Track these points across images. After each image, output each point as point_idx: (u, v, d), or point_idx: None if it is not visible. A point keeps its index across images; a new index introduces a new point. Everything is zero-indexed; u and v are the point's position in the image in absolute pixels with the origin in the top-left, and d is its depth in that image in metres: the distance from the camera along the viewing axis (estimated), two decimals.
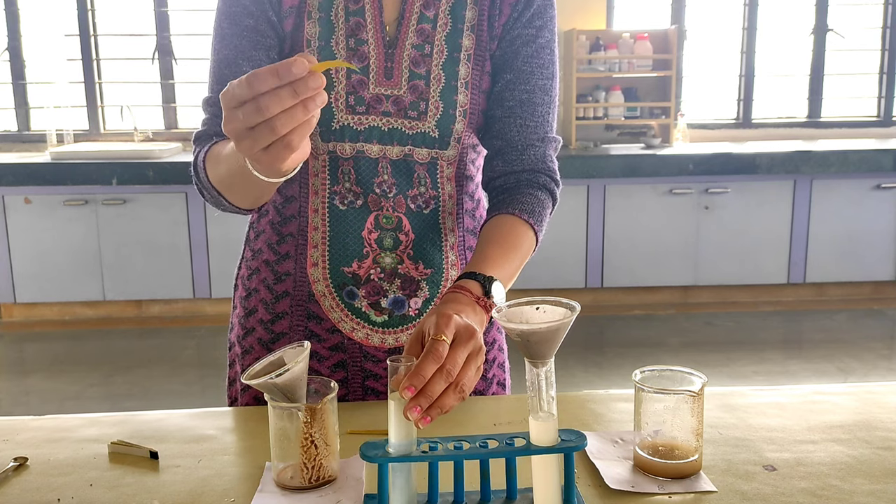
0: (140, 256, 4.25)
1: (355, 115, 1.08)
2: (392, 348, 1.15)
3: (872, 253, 4.50)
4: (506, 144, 1.13)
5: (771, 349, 3.96)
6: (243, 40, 1.07)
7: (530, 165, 1.14)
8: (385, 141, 1.09)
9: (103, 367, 3.79)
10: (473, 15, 1.11)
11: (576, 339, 4.03)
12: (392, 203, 1.11)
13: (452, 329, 0.83)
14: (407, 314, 1.14)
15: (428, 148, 1.10)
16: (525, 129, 1.12)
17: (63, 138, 4.66)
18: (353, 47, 1.08)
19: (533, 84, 1.12)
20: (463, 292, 0.95)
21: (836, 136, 4.94)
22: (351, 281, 1.12)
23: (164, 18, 4.69)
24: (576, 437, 0.81)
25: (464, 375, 0.82)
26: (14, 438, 1.04)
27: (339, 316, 1.13)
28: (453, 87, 1.09)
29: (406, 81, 1.09)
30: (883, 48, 4.95)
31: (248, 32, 1.07)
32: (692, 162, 4.26)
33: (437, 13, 1.10)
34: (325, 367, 1.16)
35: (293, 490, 0.89)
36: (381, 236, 1.11)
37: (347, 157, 1.09)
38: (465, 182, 1.16)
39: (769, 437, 1.01)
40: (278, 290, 1.16)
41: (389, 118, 1.08)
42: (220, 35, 1.08)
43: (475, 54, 1.11)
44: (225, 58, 1.08)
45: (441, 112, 1.09)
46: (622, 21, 4.86)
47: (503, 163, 1.14)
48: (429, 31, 1.10)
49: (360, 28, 1.08)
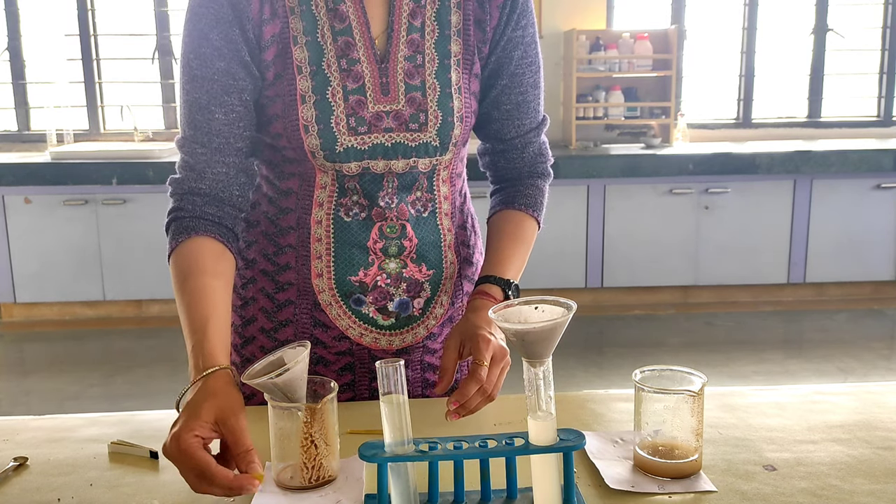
0: (140, 256, 4.25)
1: (358, 136, 1.07)
2: (399, 349, 1.15)
3: (872, 253, 4.50)
4: (506, 146, 1.21)
5: (771, 349, 3.96)
6: (215, 84, 1.04)
7: (531, 160, 1.23)
8: (389, 156, 1.08)
9: (103, 367, 3.79)
10: (458, 19, 1.11)
11: (576, 339, 4.03)
12: (395, 213, 1.11)
13: (491, 352, 1.00)
14: (412, 315, 1.15)
15: (430, 157, 1.10)
16: (522, 128, 1.20)
17: (63, 138, 4.66)
18: (346, 68, 1.06)
19: (525, 84, 1.17)
20: (488, 299, 1.08)
21: (836, 136, 4.94)
22: (358, 289, 1.12)
23: (164, 18, 4.69)
24: (574, 436, 0.81)
25: (496, 389, 1.01)
26: (14, 438, 1.04)
27: (346, 323, 1.13)
28: (448, 93, 1.10)
29: (403, 95, 1.08)
30: (883, 48, 4.95)
31: (220, 76, 1.04)
32: (692, 162, 4.26)
33: (424, 21, 1.09)
34: (331, 370, 1.16)
35: (293, 490, 0.89)
36: (386, 245, 1.12)
37: (353, 174, 1.09)
38: (456, 180, 1.18)
39: (769, 437, 1.01)
40: (280, 298, 1.16)
41: (392, 133, 1.08)
42: (191, 76, 1.05)
43: (463, 58, 1.11)
44: (196, 101, 1.05)
45: (440, 121, 1.09)
46: (622, 21, 4.86)
47: (505, 161, 1.23)
48: (418, 41, 1.09)
49: (350, 47, 1.07)
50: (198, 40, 1.04)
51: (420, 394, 1.20)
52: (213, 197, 1.08)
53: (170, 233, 1.09)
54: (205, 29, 1.03)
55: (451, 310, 1.20)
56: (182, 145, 1.08)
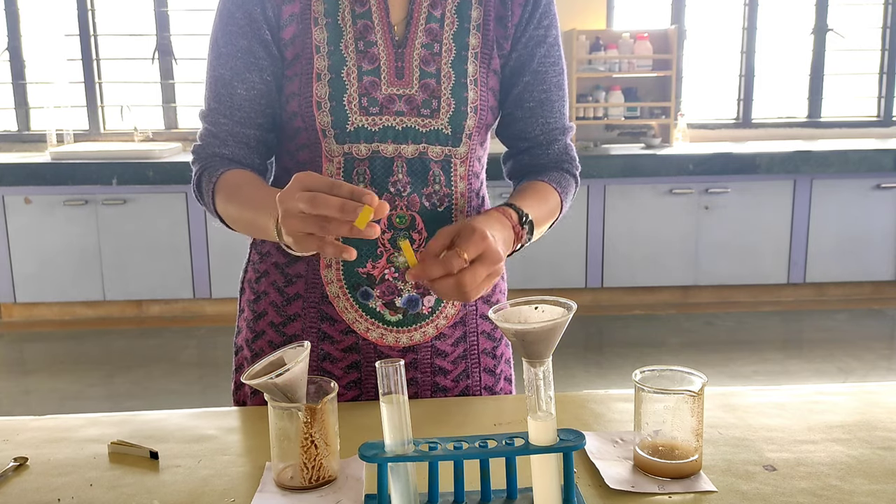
0: (140, 256, 4.25)
1: (369, 117, 1.09)
2: (406, 347, 1.15)
3: (872, 253, 4.50)
4: (532, 143, 1.21)
5: (771, 349, 3.96)
6: (238, 61, 1.10)
7: (556, 157, 1.22)
8: (399, 140, 1.10)
9: (103, 367, 3.79)
10: (479, 15, 1.13)
11: (576, 339, 4.03)
12: (406, 202, 1.11)
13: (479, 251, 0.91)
14: (421, 312, 1.14)
15: (441, 145, 1.11)
16: (547, 126, 1.20)
17: (63, 138, 4.66)
18: (363, 49, 1.09)
19: (548, 83, 1.18)
20: (500, 212, 1.03)
21: (836, 136, 4.94)
22: (365, 281, 1.12)
23: (164, 18, 4.69)
24: (574, 436, 0.81)
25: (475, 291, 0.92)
26: (14, 438, 1.04)
27: (353, 317, 1.13)
28: (463, 84, 1.11)
29: (417, 80, 1.10)
30: (883, 48, 4.95)
31: (243, 53, 1.10)
32: (692, 162, 4.26)
33: (444, 12, 1.11)
34: (338, 368, 1.15)
35: (293, 490, 0.89)
36: (395, 236, 1.11)
37: (363, 157, 1.10)
38: (473, 179, 1.18)
39: (769, 437, 1.01)
40: (289, 292, 1.16)
41: (403, 117, 1.10)
42: (217, 52, 1.11)
43: (481, 52, 1.13)
44: (221, 77, 1.11)
45: (453, 109, 1.11)
46: (622, 21, 4.86)
47: (530, 157, 1.22)
48: (437, 31, 1.11)
49: (369, 30, 1.09)
50: (226, 18, 1.10)
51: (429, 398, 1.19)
52: (238, 163, 1.13)
53: (203, 181, 1.12)
54: (231, 8, 1.10)
55: (463, 311, 1.18)
56: (205, 116, 1.14)
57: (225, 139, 1.13)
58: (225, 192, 1.07)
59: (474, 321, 1.20)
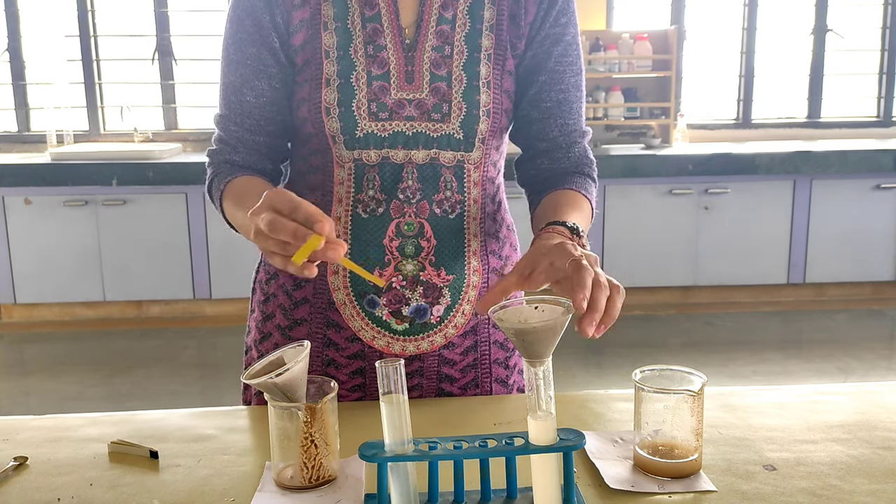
0: (140, 257, 4.25)
1: (378, 122, 1.07)
2: (413, 355, 1.13)
3: (872, 253, 4.50)
4: (550, 145, 1.16)
5: (771, 349, 3.96)
6: (247, 69, 1.10)
7: (576, 160, 1.18)
8: (410, 145, 1.08)
9: (103, 367, 3.79)
10: (492, 15, 1.10)
11: (576, 339, 4.01)
12: (415, 209, 1.10)
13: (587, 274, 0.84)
14: (428, 322, 1.12)
15: (453, 150, 1.09)
16: (566, 127, 1.16)
17: (63, 139, 4.66)
18: (373, 54, 1.08)
19: (566, 83, 1.14)
20: (555, 232, 0.97)
21: (836, 137, 4.94)
22: (372, 289, 1.11)
23: (164, 19, 4.69)
24: (574, 436, 0.81)
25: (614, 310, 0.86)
26: (14, 438, 1.04)
27: (359, 325, 1.12)
28: (475, 87, 1.09)
29: (427, 84, 1.08)
30: (883, 48, 4.95)
31: (252, 61, 1.10)
32: (692, 162, 4.26)
33: (455, 14, 1.09)
34: (342, 373, 1.15)
35: (293, 490, 0.89)
36: (403, 244, 1.10)
37: (373, 164, 1.09)
38: (488, 185, 1.15)
39: (769, 437, 1.01)
40: (297, 296, 1.15)
41: (413, 122, 1.08)
42: (228, 59, 1.12)
43: (495, 54, 1.10)
44: (231, 84, 1.12)
45: (465, 113, 1.08)
46: (622, 21, 4.86)
47: (549, 160, 1.17)
48: (448, 32, 1.09)
49: (378, 34, 1.08)
50: (236, 25, 1.10)
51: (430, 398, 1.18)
52: (249, 168, 1.14)
53: (213, 187, 1.13)
54: (241, 15, 1.10)
55: (474, 320, 1.16)
56: (218, 122, 1.15)
57: (235, 146, 1.13)
58: (232, 198, 1.07)
59: (486, 330, 1.18)
